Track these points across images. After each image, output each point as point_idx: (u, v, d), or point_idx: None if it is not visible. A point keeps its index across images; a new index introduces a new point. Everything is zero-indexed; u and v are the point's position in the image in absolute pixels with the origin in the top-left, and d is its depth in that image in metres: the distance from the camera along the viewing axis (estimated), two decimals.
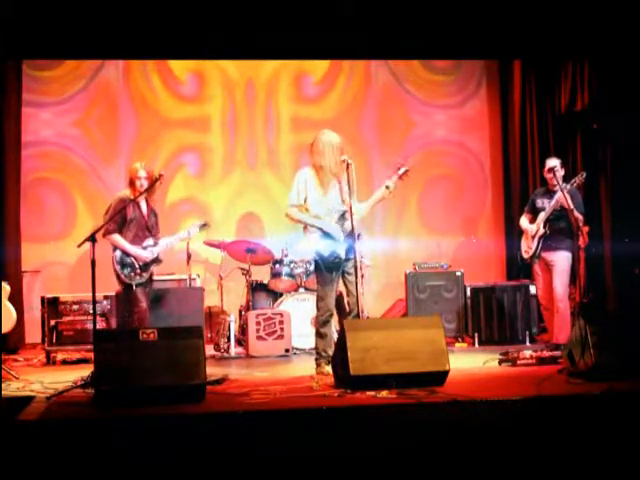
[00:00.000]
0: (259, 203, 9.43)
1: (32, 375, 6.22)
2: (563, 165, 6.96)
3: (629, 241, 7.54)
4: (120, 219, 6.23)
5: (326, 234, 5.89)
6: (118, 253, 6.25)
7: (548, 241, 6.83)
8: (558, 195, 6.67)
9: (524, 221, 7.14)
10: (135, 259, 6.26)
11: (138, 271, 6.27)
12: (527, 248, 6.99)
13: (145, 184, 6.25)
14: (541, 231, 6.84)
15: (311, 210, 5.95)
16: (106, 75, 9.20)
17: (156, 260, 6.39)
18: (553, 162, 6.93)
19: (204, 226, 6.80)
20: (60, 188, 9.07)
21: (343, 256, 5.87)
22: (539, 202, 6.99)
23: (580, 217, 6.70)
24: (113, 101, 9.22)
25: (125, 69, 9.25)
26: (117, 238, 6.25)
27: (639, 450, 3.96)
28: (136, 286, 6.26)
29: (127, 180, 6.44)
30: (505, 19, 7.86)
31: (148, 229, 6.40)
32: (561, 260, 6.77)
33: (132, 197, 6.25)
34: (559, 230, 6.81)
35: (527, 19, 7.80)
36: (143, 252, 6.30)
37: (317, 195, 5.93)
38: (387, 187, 5.94)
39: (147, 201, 6.43)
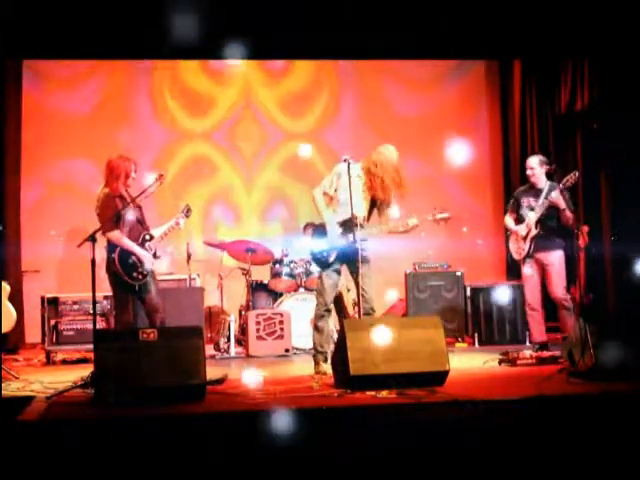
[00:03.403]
0: (259, 203, 9.46)
1: (32, 375, 6.21)
2: (546, 163, 6.80)
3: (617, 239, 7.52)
4: (114, 216, 5.90)
5: (323, 232, 5.92)
6: (119, 253, 5.91)
7: (541, 241, 6.66)
8: (551, 196, 6.51)
9: (510, 221, 6.95)
10: (138, 258, 5.95)
11: (140, 270, 5.95)
12: (518, 249, 6.80)
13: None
14: (534, 232, 6.66)
15: (335, 205, 5.96)
16: (106, 75, 9.21)
17: (155, 256, 6.09)
18: (531, 160, 6.83)
19: (188, 211, 6.32)
20: (60, 188, 9.07)
21: (331, 259, 5.88)
22: (524, 201, 6.81)
23: (571, 216, 6.59)
24: (113, 101, 9.21)
25: (126, 71, 9.25)
26: (119, 236, 5.91)
27: (639, 450, 3.96)
28: (138, 288, 5.98)
29: (114, 173, 6.00)
30: (505, 19, 7.88)
31: (140, 222, 6.09)
32: (557, 260, 6.65)
33: (122, 193, 5.97)
34: (551, 229, 6.67)
35: (527, 19, 7.82)
36: (145, 251, 5.99)
37: (342, 194, 5.89)
38: (409, 225, 5.90)
39: (128, 194, 6.06)
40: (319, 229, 6.04)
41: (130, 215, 6.02)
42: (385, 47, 8.41)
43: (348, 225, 5.84)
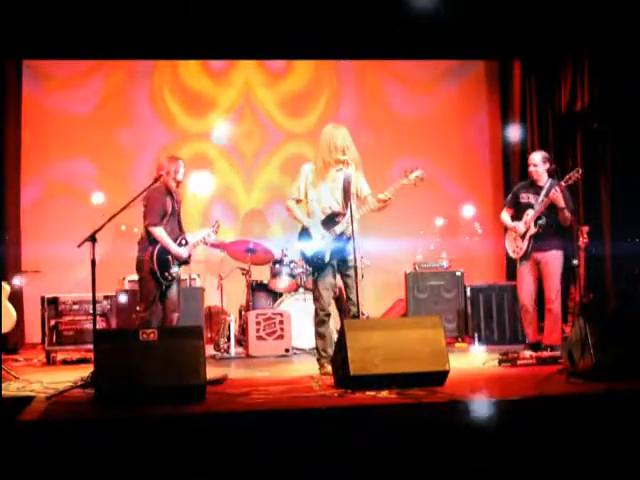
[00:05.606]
0: (259, 203, 9.46)
1: (32, 375, 6.21)
2: (549, 160, 6.68)
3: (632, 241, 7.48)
4: (162, 211, 6.04)
5: (308, 234, 5.91)
6: (158, 250, 6.02)
7: (539, 240, 6.53)
8: (552, 194, 6.36)
9: (506, 217, 6.77)
10: (174, 258, 6.08)
11: (171, 271, 6.09)
12: (516, 248, 6.66)
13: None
14: (532, 230, 6.51)
15: (309, 206, 5.97)
16: (106, 75, 9.21)
17: (186, 261, 6.25)
18: (534, 156, 6.70)
19: (217, 228, 6.62)
20: (60, 188, 9.06)
21: (327, 258, 5.86)
22: (523, 196, 6.66)
23: (569, 216, 6.46)
24: (113, 101, 9.21)
25: (126, 71, 9.25)
26: (162, 233, 6.04)
27: (639, 450, 3.96)
28: (165, 288, 6.10)
29: (162, 170, 6.10)
30: (504, 19, 7.88)
31: (180, 225, 6.27)
32: (554, 260, 6.54)
33: (172, 190, 6.12)
34: (550, 228, 6.52)
35: (526, 18, 7.83)
36: (181, 250, 6.14)
37: (313, 191, 5.94)
38: (384, 197, 5.87)
39: (177, 194, 6.24)
40: (303, 233, 6.00)
41: (175, 216, 6.16)
42: (385, 47, 8.41)
43: (330, 220, 5.87)
